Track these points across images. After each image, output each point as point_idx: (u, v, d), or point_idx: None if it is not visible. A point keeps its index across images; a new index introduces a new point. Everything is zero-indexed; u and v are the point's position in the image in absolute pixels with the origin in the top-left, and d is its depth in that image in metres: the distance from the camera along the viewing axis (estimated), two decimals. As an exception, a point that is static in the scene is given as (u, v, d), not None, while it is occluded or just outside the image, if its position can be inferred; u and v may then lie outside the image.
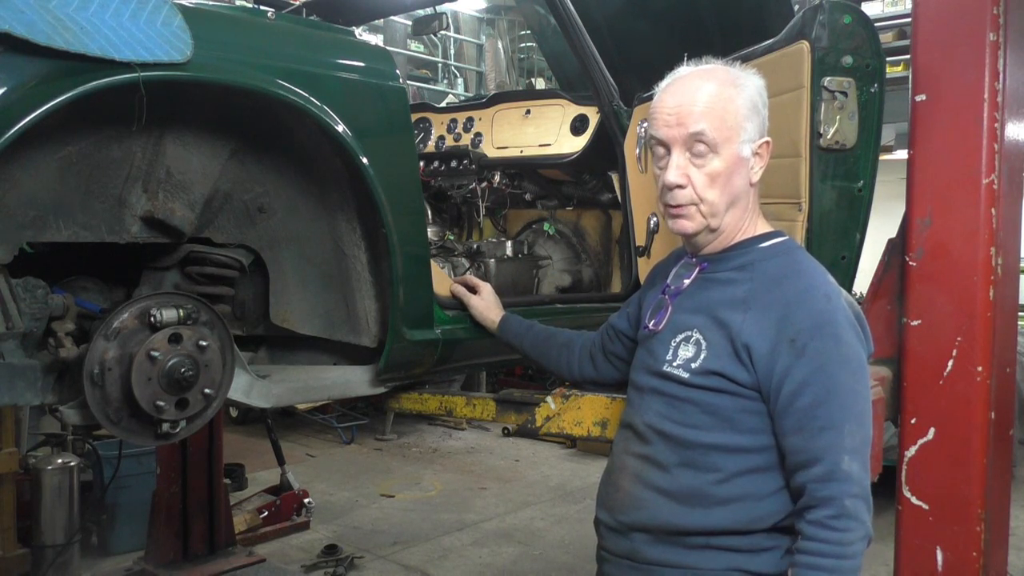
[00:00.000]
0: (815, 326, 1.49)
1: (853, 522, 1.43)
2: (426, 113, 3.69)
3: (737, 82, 1.60)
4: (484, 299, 2.29)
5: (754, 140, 1.59)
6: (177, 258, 2.01)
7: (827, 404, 1.46)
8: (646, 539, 1.60)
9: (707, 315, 1.59)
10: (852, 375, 1.50)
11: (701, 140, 1.56)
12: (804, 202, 2.24)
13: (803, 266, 1.60)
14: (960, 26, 1.99)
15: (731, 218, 1.62)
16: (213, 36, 1.81)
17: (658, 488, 1.59)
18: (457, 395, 2.78)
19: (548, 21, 3.70)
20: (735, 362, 1.52)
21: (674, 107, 1.59)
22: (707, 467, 1.55)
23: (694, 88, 1.59)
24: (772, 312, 1.52)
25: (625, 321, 1.92)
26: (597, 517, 1.74)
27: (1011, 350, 2.16)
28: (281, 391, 2.16)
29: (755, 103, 1.59)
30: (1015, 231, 2.15)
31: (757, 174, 1.61)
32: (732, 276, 1.61)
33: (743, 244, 1.64)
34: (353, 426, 7.42)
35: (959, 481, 2.00)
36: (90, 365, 1.73)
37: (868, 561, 4.59)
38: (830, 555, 1.42)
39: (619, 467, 1.69)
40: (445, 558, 4.84)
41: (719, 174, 1.57)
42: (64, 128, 1.70)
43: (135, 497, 4.59)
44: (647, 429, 1.63)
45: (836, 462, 1.44)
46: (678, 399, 1.59)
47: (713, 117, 1.56)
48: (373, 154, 2.01)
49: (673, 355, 1.61)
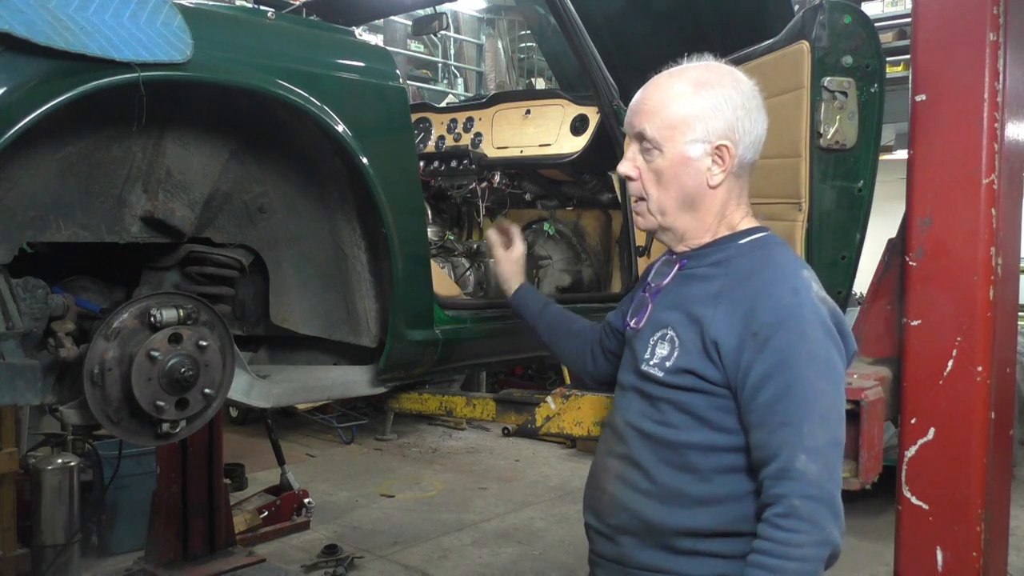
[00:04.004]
0: (779, 320, 1.45)
1: (803, 524, 1.37)
2: (426, 113, 3.68)
3: (704, 81, 1.55)
4: (512, 258, 2.21)
5: (708, 141, 1.54)
6: (177, 258, 2.01)
7: (786, 400, 1.42)
8: (634, 543, 1.58)
9: (682, 311, 1.57)
10: (817, 372, 1.44)
11: (644, 137, 1.58)
12: (804, 202, 2.24)
13: (776, 260, 1.56)
14: (960, 26, 1.99)
15: (690, 221, 1.60)
16: (213, 36, 1.81)
17: (640, 489, 1.58)
18: (457, 395, 2.78)
19: (548, 21, 3.70)
20: (705, 359, 1.50)
21: (634, 103, 1.62)
22: (685, 467, 1.53)
23: (653, 86, 1.61)
24: (740, 306, 1.49)
25: (620, 319, 1.90)
26: (586, 521, 1.72)
27: (1011, 350, 2.16)
28: (281, 391, 2.16)
29: (719, 104, 1.53)
30: (1015, 231, 2.15)
31: (717, 177, 1.56)
32: (709, 272, 1.59)
33: (723, 240, 1.61)
34: (353, 426, 7.42)
35: (959, 481, 1.99)
36: (90, 365, 1.73)
37: (868, 561, 4.57)
38: (774, 555, 1.38)
39: (602, 469, 1.68)
40: (445, 558, 4.84)
41: (662, 171, 1.57)
42: (64, 128, 1.70)
43: (135, 497, 4.59)
44: (627, 428, 1.62)
45: (790, 460, 1.40)
46: (655, 398, 1.58)
47: (657, 115, 1.56)
48: (373, 154, 2.01)
49: (651, 354, 1.59)
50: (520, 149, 3.23)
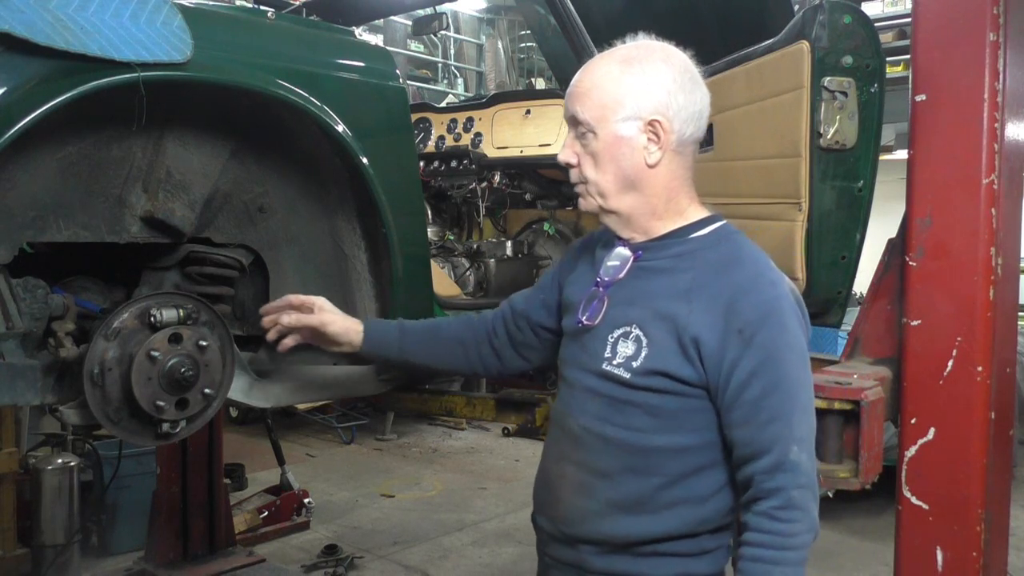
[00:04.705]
0: (762, 316, 1.44)
1: (799, 513, 1.40)
2: (426, 113, 3.69)
3: (632, 58, 1.52)
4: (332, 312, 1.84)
5: (640, 117, 1.49)
6: (177, 258, 2.01)
7: (775, 394, 1.42)
8: (593, 550, 1.54)
9: (646, 307, 1.50)
10: (798, 364, 1.46)
11: (578, 121, 1.54)
12: (804, 202, 2.25)
13: (746, 253, 1.53)
14: (960, 26, 1.99)
15: (632, 202, 1.54)
16: (213, 36, 1.81)
17: (602, 499, 1.52)
18: (457, 395, 2.78)
19: (548, 21, 3.70)
20: (681, 358, 1.45)
21: (568, 88, 1.58)
22: (652, 471, 1.49)
23: (584, 69, 1.57)
24: (718, 302, 1.45)
25: (540, 309, 1.77)
26: (537, 521, 1.67)
27: (1011, 350, 2.16)
28: (281, 391, 2.16)
29: (648, 80, 1.49)
30: (1015, 231, 2.15)
31: (655, 155, 1.51)
32: (671, 264, 1.53)
33: (680, 232, 1.56)
34: (353, 426, 7.42)
35: (959, 481, 1.99)
36: (90, 365, 1.73)
37: (868, 561, 4.56)
38: (773, 546, 1.39)
39: (557, 474, 1.61)
40: (445, 558, 4.84)
41: (598, 154, 1.52)
42: (64, 128, 1.70)
43: (135, 497, 4.59)
44: (585, 433, 1.55)
45: (784, 452, 1.40)
46: (619, 401, 1.50)
47: (587, 98, 1.52)
48: (373, 154, 2.01)
49: (612, 352, 1.51)
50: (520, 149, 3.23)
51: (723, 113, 2.45)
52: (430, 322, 1.90)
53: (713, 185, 2.54)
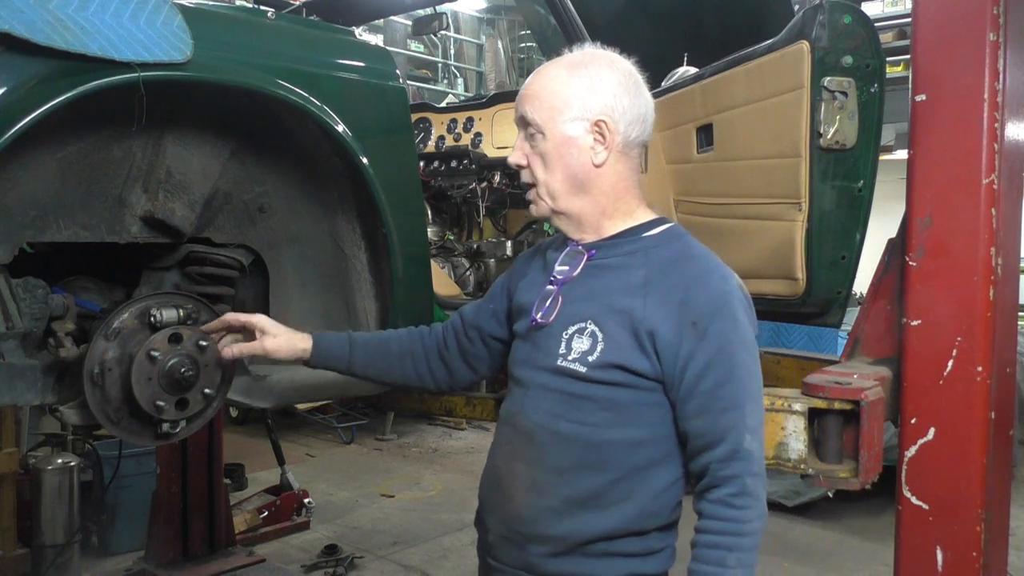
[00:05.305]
0: (715, 308, 1.48)
1: (753, 500, 1.44)
2: (426, 113, 3.69)
3: (578, 63, 1.58)
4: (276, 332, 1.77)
5: (586, 118, 1.54)
6: (177, 258, 2.01)
7: (729, 384, 1.46)
8: (545, 551, 1.54)
9: (601, 303, 1.53)
10: (749, 354, 1.50)
11: (527, 122, 1.59)
12: (804, 202, 2.25)
13: (696, 250, 1.58)
14: (960, 26, 1.99)
15: (582, 203, 1.58)
16: (213, 36, 1.81)
17: (558, 496, 1.53)
18: (457, 395, 2.78)
19: (548, 21, 3.70)
20: (637, 352, 1.48)
21: (519, 92, 1.64)
22: (604, 466, 1.51)
23: (534, 74, 1.63)
24: (673, 296, 1.49)
25: (491, 319, 1.78)
26: (484, 522, 1.67)
27: (1011, 350, 2.16)
28: (281, 391, 2.16)
29: (593, 82, 1.55)
30: (1015, 231, 2.15)
31: (601, 155, 1.55)
32: (624, 261, 1.57)
33: (630, 232, 1.60)
34: (353, 426, 7.42)
35: (959, 481, 1.99)
36: (90, 365, 1.73)
37: (868, 561, 4.54)
38: (729, 532, 1.43)
39: (508, 473, 1.61)
40: (445, 558, 4.83)
41: (547, 154, 1.57)
42: (64, 128, 1.70)
43: (135, 497, 4.59)
44: (536, 429, 1.56)
45: (738, 441, 1.45)
46: (574, 396, 1.53)
47: (536, 100, 1.58)
48: (373, 154, 2.01)
49: (567, 348, 1.54)
50: (520, 149, 3.23)
51: (723, 113, 2.45)
52: (380, 336, 1.87)
53: (713, 185, 2.54)
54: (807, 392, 2.00)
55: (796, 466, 1.99)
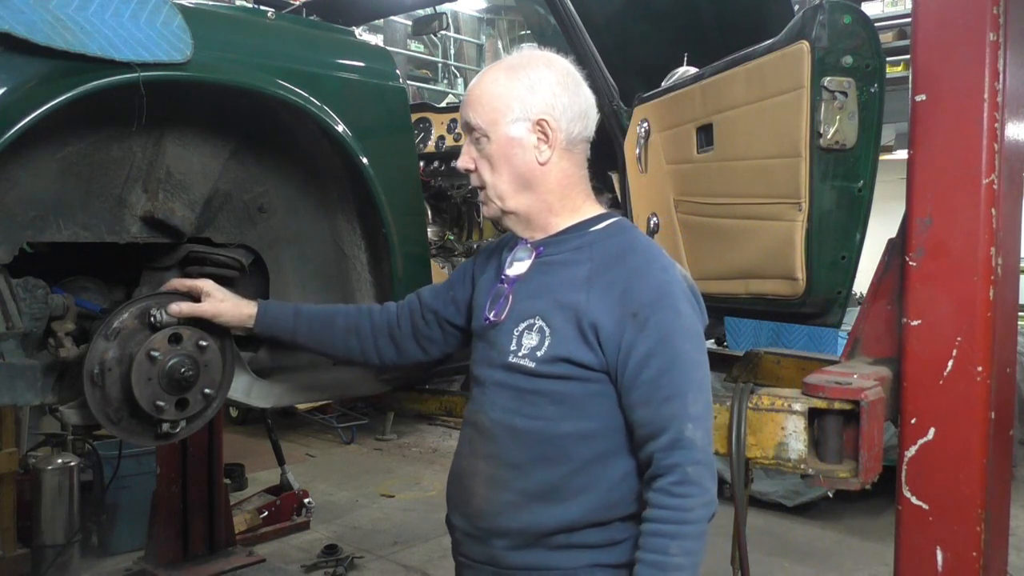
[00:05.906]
0: (655, 299, 1.51)
1: (695, 488, 1.46)
2: (426, 113, 3.69)
3: (516, 65, 1.61)
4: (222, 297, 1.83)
5: (528, 118, 1.57)
6: (177, 258, 2.01)
7: (670, 373, 1.49)
8: (507, 544, 1.58)
9: (549, 299, 1.57)
10: (692, 344, 1.53)
11: (472, 127, 1.61)
12: (804, 202, 2.24)
13: (640, 243, 1.62)
14: (960, 26, 1.99)
15: (528, 201, 1.62)
16: (213, 36, 1.81)
17: (515, 490, 1.57)
18: (457, 395, 2.77)
19: (548, 21, 3.70)
20: (582, 344, 1.52)
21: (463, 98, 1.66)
22: (560, 459, 1.54)
23: (476, 79, 1.66)
24: (614, 288, 1.53)
25: (450, 305, 1.82)
26: (451, 521, 1.70)
27: (1011, 350, 2.16)
28: (281, 391, 2.16)
29: (532, 83, 1.58)
30: (1015, 231, 2.15)
31: (545, 153, 1.59)
32: (570, 257, 1.60)
33: (578, 227, 1.63)
34: (353, 426, 7.42)
35: (959, 481, 1.99)
36: (90, 365, 1.73)
37: (868, 561, 4.53)
38: (671, 520, 1.45)
39: (470, 471, 1.65)
40: (445, 558, 4.81)
41: (492, 156, 1.60)
42: (64, 128, 1.70)
43: (135, 497, 4.60)
44: (495, 426, 1.60)
45: (680, 430, 1.47)
46: (526, 391, 1.57)
47: (479, 103, 1.60)
48: (373, 154, 2.01)
49: (518, 345, 1.58)
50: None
51: (723, 113, 2.45)
52: (326, 309, 1.90)
53: (713, 185, 2.54)
54: (807, 392, 2.00)
55: (796, 466, 1.99)
